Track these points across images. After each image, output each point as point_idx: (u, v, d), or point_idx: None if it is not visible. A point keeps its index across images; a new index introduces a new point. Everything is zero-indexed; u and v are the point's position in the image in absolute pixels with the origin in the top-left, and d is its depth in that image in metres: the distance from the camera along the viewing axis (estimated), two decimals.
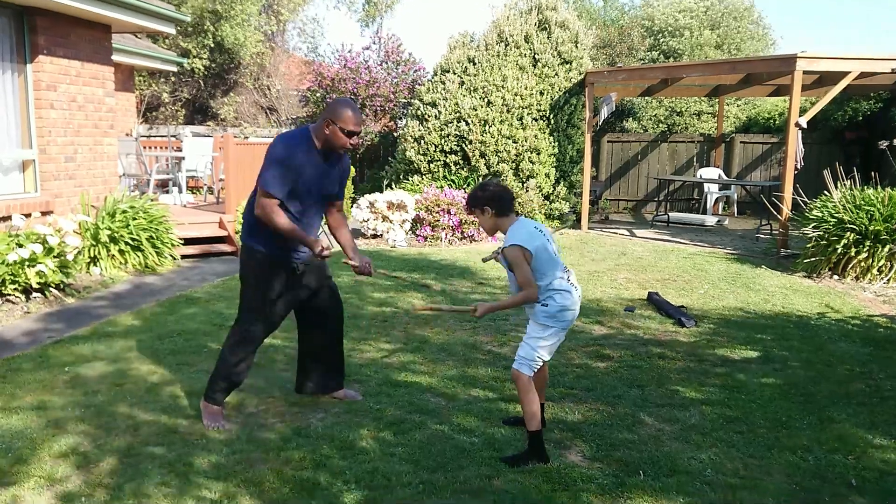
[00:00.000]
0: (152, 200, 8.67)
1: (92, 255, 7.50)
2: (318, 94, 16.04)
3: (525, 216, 12.07)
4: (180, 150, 12.03)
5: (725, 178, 13.96)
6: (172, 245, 8.29)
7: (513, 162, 11.98)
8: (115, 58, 9.30)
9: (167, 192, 11.90)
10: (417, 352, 5.16)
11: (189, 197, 12.00)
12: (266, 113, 18.92)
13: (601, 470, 3.37)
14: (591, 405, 4.20)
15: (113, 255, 7.62)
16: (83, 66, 7.94)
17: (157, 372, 4.67)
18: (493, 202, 3.51)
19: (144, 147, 12.52)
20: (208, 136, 14.40)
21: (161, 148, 13.31)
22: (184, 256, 8.63)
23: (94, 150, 8.22)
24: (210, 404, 3.89)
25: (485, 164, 11.96)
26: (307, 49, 23.31)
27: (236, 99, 18.38)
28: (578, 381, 4.57)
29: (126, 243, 7.70)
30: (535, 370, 3.48)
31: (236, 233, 9.57)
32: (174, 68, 14.70)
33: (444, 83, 12.57)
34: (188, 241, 8.90)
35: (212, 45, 16.80)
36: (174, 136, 14.01)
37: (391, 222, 10.42)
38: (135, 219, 7.86)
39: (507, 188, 3.62)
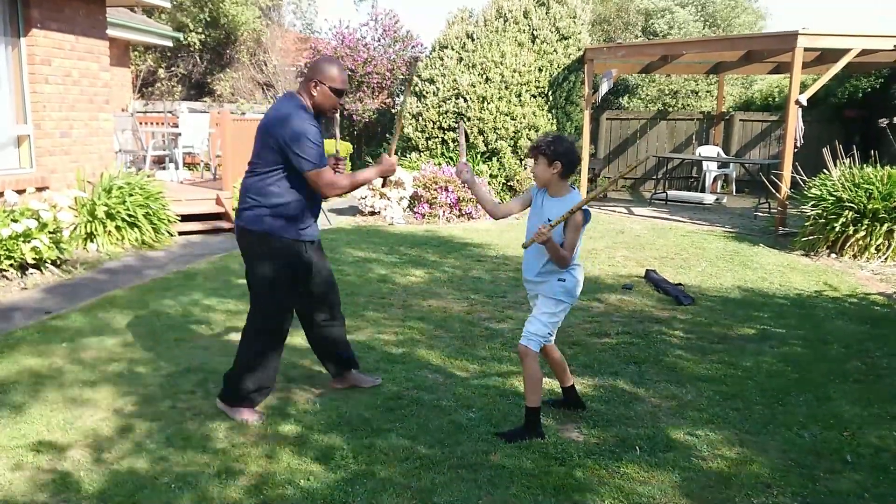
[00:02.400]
0: (149, 177, 8.63)
1: (88, 231, 7.47)
2: None
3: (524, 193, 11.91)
4: (177, 127, 11.95)
5: (724, 156, 13.91)
6: (169, 221, 8.26)
7: (511, 139, 11.93)
8: (111, 32, 9.19)
9: (164, 168, 11.84)
10: (415, 328, 5.16)
11: (186, 173, 11.95)
12: (263, 89, 18.78)
13: (598, 445, 3.39)
14: (588, 381, 4.21)
15: (109, 232, 7.60)
16: (78, 40, 7.85)
17: (155, 348, 4.67)
18: (566, 160, 3.35)
19: (141, 123, 12.44)
20: (205, 112, 14.30)
21: (157, 124, 13.22)
22: (181, 233, 8.61)
23: (90, 125, 8.15)
24: (239, 407, 3.62)
25: (483, 142, 11.90)
26: (302, 25, 23.07)
27: (233, 75, 18.23)
28: (576, 358, 4.58)
29: (123, 219, 7.67)
30: (543, 344, 3.45)
31: (234, 209, 9.54)
32: (170, 43, 14.57)
33: (442, 59, 12.47)
34: (185, 218, 8.87)
35: (207, 20, 16.63)
36: (170, 112, 13.92)
37: (389, 199, 10.39)
38: (131, 195, 7.82)
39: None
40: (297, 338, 4.32)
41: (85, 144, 8.09)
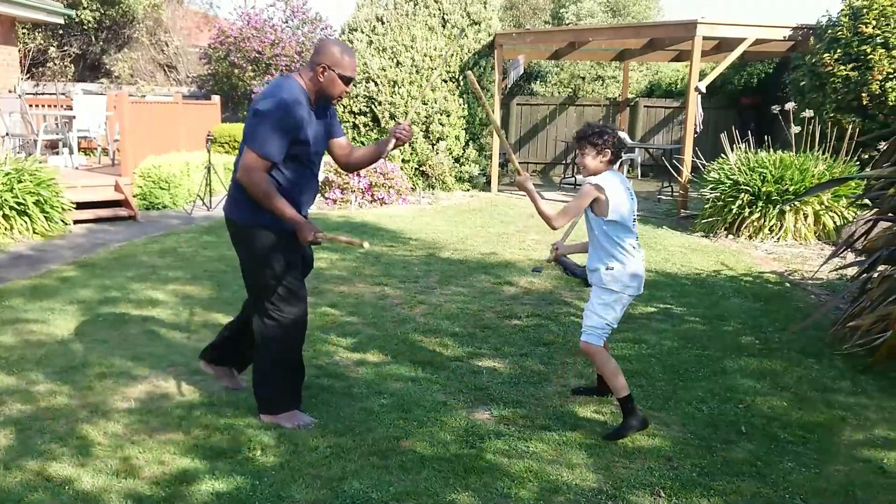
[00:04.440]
0: (40, 162, 8.14)
1: None
2: (220, 52, 15.40)
3: (436, 178, 11.86)
4: (71, 109, 11.32)
5: (630, 141, 14.34)
6: (64, 209, 7.83)
7: (423, 124, 11.89)
8: None
9: (57, 153, 11.20)
10: (326, 315, 5.08)
11: (81, 159, 11.35)
12: (164, 70, 18.01)
13: (507, 426, 3.43)
14: (498, 363, 4.25)
15: None
16: None
17: (49, 342, 4.42)
18: (616, 148, 3.28)
19: (31, 105, 11.72)
20: (101, 94, 13.61)
21: (49, 106, 12.48)
22: (77, 221, 8.17)
23: None
24: (280, 412, 3.41)
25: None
26: (203, 3, 22.25)
27: (131, 55, 17.38)
28: (487, 341, 4.62)
29: (11, 208, 7.22)
30: (605, 339, 3.36)
31: (134, 196, 9.13)
32: (61, 20, 13.75)
33: (352, 42, 12.28)
34: (82, 206, 8.42)
35: None
36: (64, 94, 13.17)
37: None
38: (20, 181, 7.36)
39: None
40: (212, 321, 4.17)
41: None
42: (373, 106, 11.86)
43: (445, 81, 12.12)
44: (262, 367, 3.45)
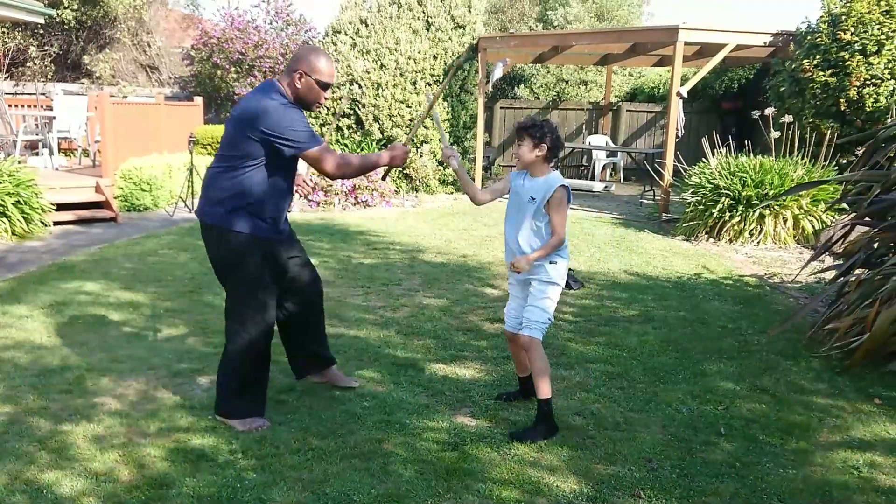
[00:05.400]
0: (19, 163, 8.06)
1: None
2: (203, 53, 15.32)
3: (420, 181, 11.87)
4: (51, 109, 11.22)
5: (612, 145, 14.42)
6: (43, 211, 7.76)
7: (407, 127, 11.90)
8: None
9: (37, 154, 11.09)
10: None
11: (62, 160, 11.25)
12: (147, 71, 17.88)
13: (489, 429, 3.44)
14: (480, 366, 4.26)
15: None
16: None
17: (27, 344, 4.37)
18: (553, 143, 3.34)
19: (9, 105, 11.60)
20: (82, 94, 13.49)
21: (29, 107, 12.37)
22: (57, 223, 8.10)
23: None
24: (234, 418, 3.38)
25: (378, 129, 11.82)
26: (186, 4, 22.09)
27: (113, 56, 17.24)
28: (469, 344, 4.63)
29: None
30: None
31: (115, 197, 9.06)
32: (41, 20, 13.59)
33: (335, 44, 12.28)
34: (61, 207, 8.35)
35: None
36: (44, 94, 13.04)
37: None
38: None
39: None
40: (192, 324, 4.14)
41: None
42: (357, 108, 11.85)
43: (429, 84, 12.13)
44: (225, 370, 3.41)
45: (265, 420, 3.42)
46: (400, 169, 11.81)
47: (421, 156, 11.79)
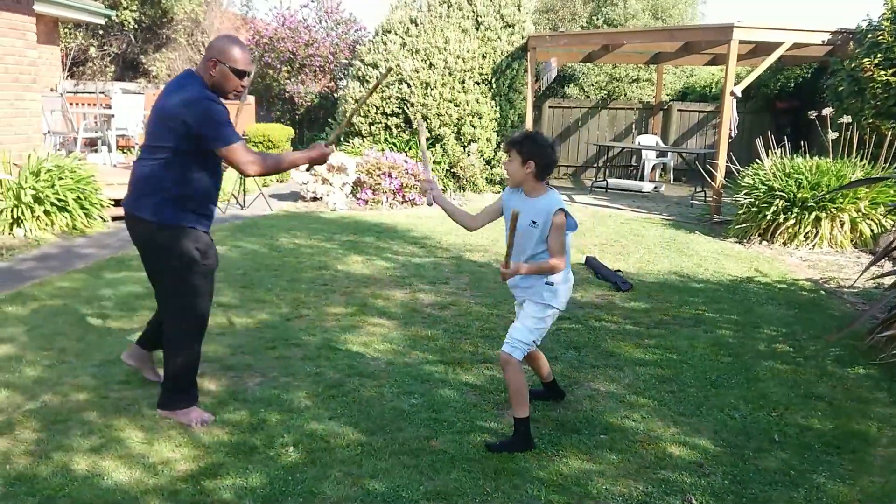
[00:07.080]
0: (80, 160, 8.32)
1: (15, 215, 7.17)
2: (255, 54, 15.59)
3: (467, 180, 11.84)
4: (109, 108, 11.55)
5: (663, 145, 14.21)
6: (102, 206, 8.00)
7: (454, 126, 11.92)
8: (37, 8, 8.80)
9: (96, 151, 11.43)
10: (357, 315, 5.12)
11: (120, 157, 11.56)
12: None
13: (538, 430, 3.42)
14: (528, 368, 4.24)
15: (38, 216, 7.31)
16: (1, 15, 7.49)
17: (85, 337, 4.52)
18: (540, 159, 3.12)
19: (71, 104, 11.98)
20: (139, 93, 13.85)
21: (89, 105, 12.75)
22: (114, 218, 8.33)
23: (15, 105, 7.80)
24: (182, 409, 3.42)
25: (427, 128, 11.86)
26: (240, 4, 22.53)
27: (169, 55, 17.67)
28: None
29: (52, 204, 7.39)
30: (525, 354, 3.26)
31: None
32: (102, 21, 14.01)
33: (385, 44, 12.36)
34: (119, 203, 8.57)
35: None
36: (103, 93, 13.43)
37: (331, 185, 10.27)
38: (61, 178, 7.53)
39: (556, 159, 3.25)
40: (245, 318, 4.22)
41: (10, 125, 7.74)
42: (405, 107, 11.91)
43: (478, 84, 12.13)
44: (173, 364, 3.42)
45: (210, 415, 3.44)
46: (448, 168, 11.84)
47: (468, 155, 11.80)
